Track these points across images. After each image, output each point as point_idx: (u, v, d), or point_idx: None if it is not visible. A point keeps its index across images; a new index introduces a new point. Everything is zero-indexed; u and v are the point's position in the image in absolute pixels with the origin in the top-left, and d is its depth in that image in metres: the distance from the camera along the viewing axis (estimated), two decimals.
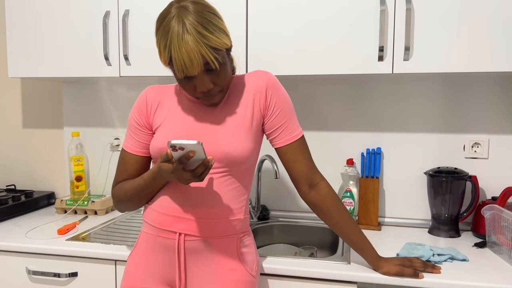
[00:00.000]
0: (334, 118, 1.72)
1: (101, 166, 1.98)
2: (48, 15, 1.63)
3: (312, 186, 1.14)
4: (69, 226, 1.54)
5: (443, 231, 1.51)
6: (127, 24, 1.55)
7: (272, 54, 1.45)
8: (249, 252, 1.12)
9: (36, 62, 1.66)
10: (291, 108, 1.13)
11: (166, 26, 0.96)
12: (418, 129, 1.65)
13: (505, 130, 1.58)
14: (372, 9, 1.36)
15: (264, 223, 1.69)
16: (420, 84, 1.63)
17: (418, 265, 1.16)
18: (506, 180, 1.58)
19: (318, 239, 1.65)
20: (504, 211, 1.28)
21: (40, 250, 1.38)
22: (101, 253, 1.34)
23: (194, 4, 0.96)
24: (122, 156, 1.15)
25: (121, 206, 1.14)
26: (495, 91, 1.57)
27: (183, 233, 1.04)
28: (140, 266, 1.09)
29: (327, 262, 1.24)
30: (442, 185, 1.50)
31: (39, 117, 2.06)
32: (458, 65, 1.32)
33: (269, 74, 1.12)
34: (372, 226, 1.60)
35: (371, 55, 1.37)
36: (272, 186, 1.81)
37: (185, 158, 0.90)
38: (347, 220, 1.14)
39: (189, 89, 1.02)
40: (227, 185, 1.06)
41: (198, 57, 0.94)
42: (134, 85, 1.92)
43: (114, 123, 1.96)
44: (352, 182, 1.64)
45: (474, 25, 1.29)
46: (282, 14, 1.43)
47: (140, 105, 1.14)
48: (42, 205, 1.92)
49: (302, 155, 1.12)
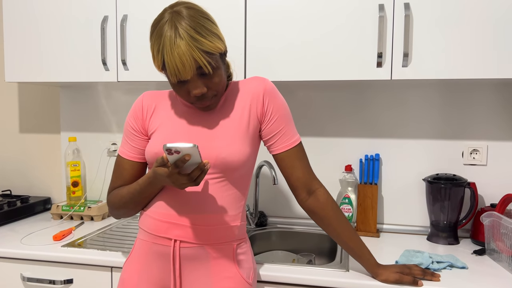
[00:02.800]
0: (332, 124, 1.72)
1: (98, 171, 1.97)
2: (46, 20, 1.63)
3: (310, 192, 1.13)
4: (65, 232, 1.53)
5: (442, 238, 1.50)
6: (125, 29, 1.55)
7: (271, 60, 1.45)
8: (245, 260, 1.11)
9: (33, 67, 1.66)
10: (289, 114, 1.12)
11: (159, 31, 0.96)
12: (417, 136, 1.64)
13: (504, 137, 1.57)
14: (371, 15, 1.36)
15: (262, 230, 1.67)
16: (419, 90, 1.63)
17: (417, 272, 1.15)
18: (504, 187, 1.58)
19: (316, 246, 1.64)
20: (504, 218, 1.27)
21: (35, 256, 1.37)
22: (96, 259, 1.32)
23: (188, 9, 0.97)
24: (118, 162, 1.15)
25: (116, 213, 1.13)
26: (493, 98, 1.57)
27: (179, 240, 1.03)
28: (136, 274, 1.08)
29: (325, 270, 1.23)
30: (441, 191, 1.49)
31: (36, 122, 2.05)
32: (457, 72, 1.32)
33: (266, 80, 1.12)
34: (370, 233, 1.59)
35: (369, 61, 1.37)
36: (270, 192, 1.80)
37: (181, 162, 0.89)
38: (345, 227, 1.13)
39: (183, 93, 1.02)
40: (224, 191, 1.05)
41: (190, 61, 0.94)
42: (132, 90, 1.91)
43: (112, 128, 1.95)
44: (351, 189, 1.63)
45: (473, 32, 1.29)
46: (280, 20, 1.43)
47: (136, 111, 1.14)
48: (38, 210, 1.90)
49: (299, 161, 1.11)
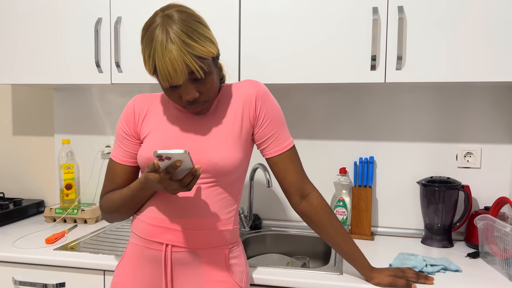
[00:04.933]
0: (326, 127, 1.72)
1: (92, 174, 1.95)
2: (40, 21, 1.62)
3: (303, 196, 1.13)
4: (57, 235, 1.52)
5: (436, 241, 1.50)
6: (119, 31, 1.54)
7: (265, 62, 1.44)
8: (238, 264, 1.10)
9: (27, 69, 1.64)
10: (282, 118, 1.12)
11: (150, 35, 0.95)
12: (411, 138, 1.65)
13: (498, 140, 1.58)
14: (365, 18, 1.36)
15: (257, 233, 1.67)
16: (413, 93, 1.63)
17: (411, 276, 1.15)
18: (498, 190, 1.58)
19: (310, 249, 1.63)
20: (497, 221, 1.27)
21: (27, 259, 1.35)
22: (89, 263, 1.31)
23: (179, 12, 0.95)
24: (110, 166, 1.14)
25: (109, 217, 1.12)
26: (487, 101, 1.58)
27: (170, 244, 1.02)
28: (127, 278, 1.07)
29: (319, 273, 1.22)
30: (435, 194, 1.49)
31: (30, 124, 2.03)
32: (451, 75, 1.32)
33: (259, 83, 1.11)
34: (364, 236, 1.59)
35: (363, 64, 1.37)
36: (265, 195, 1.79)
37: (172, 168, 0.88)
38: (338, 230, 1.13)
39: (174, 98, 1.01)
40: (215, 195, 1.05)
41: (182, 66, 0.93)
42: (125, 93, 1.90)
43: (106, 131, 1.94)
44: (345, 191, 1.63)
45: (467, 35, 1.30)
46: (274, 23, 1.42)
47: (127, 114, 1.13)
48: (31, 213, 1.89)
49: (293, 165, 1.11)
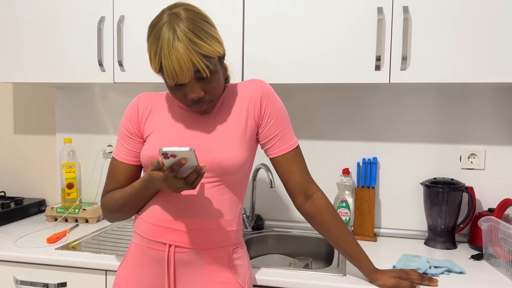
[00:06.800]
0: (330, 128, 1.71)
1: (93, 173, 1.95)
2: (42, 20, 1.61)
3: (308, 196, 1.12)
4: (59, 235, 1.51)
5: (440, 243, 1.50)
6: (122, 30, 1.53)
7: (268, 62, 1.44)
8: (241, 265, 1.09)
9: (29, 67, 1.64)
10: (286, 118, 1.11)
11: (157, 32, 0.94)
12: (415, 139, 1.64)
13: (502, 141, 1.57)
14: (370, 18, 1.35)
15: (259, 233, 1.66)
16: (417, 94, 1.62)
17: (415, 277, 1.14)
18: (502, 191, 1.57)
19: (313, 250, 1.62)
20: (501, 223, 1.26)
21: (29, 259, 1.35)
22: (91, 262, 1.31)
23: (186, 11, 0.95)
24: (112, 165, 1.13)
25: (110, 216, 1.11)
26: (492, 102, 1.57)
27: (173, 245, 1.02)
28: (130, 278, 1.06)
29: (322, 274, 1.22)
30: (439, 196, 1.48)
31: (31, 122, 2.03)
32: (456, 75, 1.31)
33: (264, 83, 1.10)
34: (367, 237, 1.58)
35: (368, 64, 1.36)
36: (267, 195, 1.79)
37: (177, 166, 0.88)
38: (342, 231, 1.12)
39: (179, 96, 1.00)
40: (220, 195, 1.04)
41: (188, 65, 0.92)
42: (128, 92, 1.90)
43: (108, 130, 1.93)
44: (348, 192, 1.62)
45: (472, 36, 1.29)
46: (279, 23, 1.42)
47: (131, 113, 1.12)
48: (32, 212, 1.88)
49: (297, 165, 1.10)
